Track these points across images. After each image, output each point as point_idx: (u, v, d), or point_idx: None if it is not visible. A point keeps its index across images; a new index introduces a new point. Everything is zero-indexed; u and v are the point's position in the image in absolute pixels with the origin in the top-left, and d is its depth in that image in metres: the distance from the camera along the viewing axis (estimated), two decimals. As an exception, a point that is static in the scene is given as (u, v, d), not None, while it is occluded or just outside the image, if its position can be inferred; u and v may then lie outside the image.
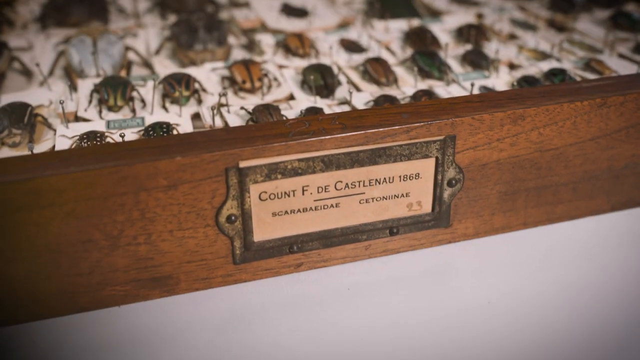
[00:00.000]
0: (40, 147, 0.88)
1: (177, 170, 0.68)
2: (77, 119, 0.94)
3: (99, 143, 0.84)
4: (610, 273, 0.82)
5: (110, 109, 0.95)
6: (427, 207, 0.80)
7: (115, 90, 0.96)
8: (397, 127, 0.74)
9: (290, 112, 0.93)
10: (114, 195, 0.68)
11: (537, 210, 0.86)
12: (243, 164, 0.70)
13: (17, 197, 0.65)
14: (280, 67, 1.10)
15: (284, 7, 1.34)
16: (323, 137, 0.72)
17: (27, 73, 1.15)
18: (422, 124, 0.75)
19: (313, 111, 0.89)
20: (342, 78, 1.05)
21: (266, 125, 0.74)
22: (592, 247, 0.86)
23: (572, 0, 1.32)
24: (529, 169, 0.82)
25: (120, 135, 0.81)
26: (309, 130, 0.72)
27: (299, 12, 1.32)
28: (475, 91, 0.97)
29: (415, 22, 1.27)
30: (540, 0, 1.41)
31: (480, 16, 1.33)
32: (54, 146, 0.87)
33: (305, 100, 0.97)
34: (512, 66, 1.10)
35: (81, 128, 0.90)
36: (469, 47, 1.17)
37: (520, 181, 0.83)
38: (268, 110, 0.88)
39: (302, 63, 1.11)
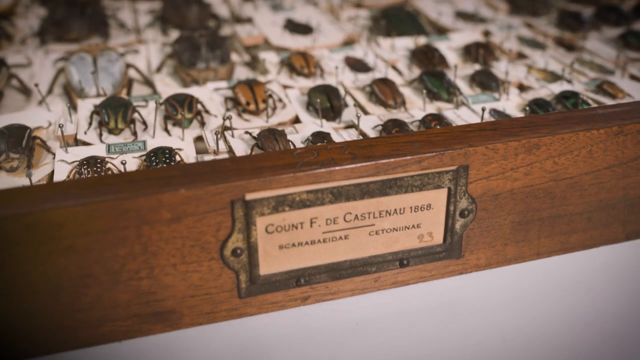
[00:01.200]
0: (39, 172, 0.86)
1: (181, 203, 0.66)
2: (77, 142, 0.92)
3: (99, 169, 0.82)
4: (626, 303, 0.79)
5: (110, 131, 0.93)
6: (438, 238, 0.78)
7: (116, 112, 0.93)
8: (408, 157, 0.71)
9: (296, 136, 0.90)
10: (116, 229, 0.65)
11: (550, 240, 0.83)
12: (249, 197, 0.67)
13: (14, 231, 0.62)
14: (285, 87, 1.07)
15: (287, 23, 1.32)
16: (332, 168, 0.69)
17: (25, 91, 1.12)
18: (434, 153, 0.72)
19: (320, 136, 0.87)
20: (348, 99, 1.02)
21: (273, 155, 0.71)
22: (607, 277, 0.83)
23: (580, 18, 1.29)
24: (543, 199, 0.80)
25: (122, 163, 0.79)
26: (318, 161, 0.70)
27: (303, 29, 1.30)
28: (486, 115, 0.95)
29: (422, 40, 1.25)
30: (548, 17, 1.39)
31: (487, 34, 1.31)
32: (52, 171, 0.85)
33: (311, 124, 0.95)
34: (521, 87, 1.07)
35: (81, 152, 0.87)
36: (477, 66, 1.14)
37: (533, 211, 0.80)
38: (274, 135, 0.85)
39: (307, 83, 1.08)
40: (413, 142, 0.74)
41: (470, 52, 1.19)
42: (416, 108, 1.00)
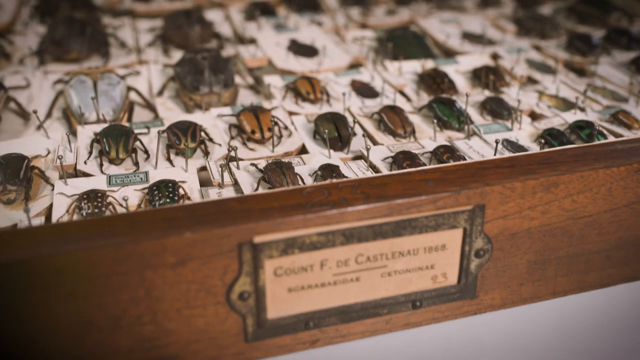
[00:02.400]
0: (37, 205, 0.82)
1: (186, 247, 0.63)
2: (77, 172, 0.89)
3: (99, 204, 0.78)
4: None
5: (111, 161, 0.90)
6: (452, 279, 0.75)
7: (117, 141, 0.90)
8: (423, 197, 0.68)
9: (304, 168, 0.88)
10: (117, 274, 0.62)
11: (567, 279, 0.81)
12: (258, 239, 0.64)
13: (11, 278, 0.59)
14: (291, 113, 1.04)
15: (291, 44, 1.29)
16: (344, 210, 0.66)
17: (23, 115, 1.09)
18: (449, 193, 0.69)
19: (329, 169, 0.84)
20: (356, 128, 0.99)
21: (282, 194, 0.68)
22: (626, 316, 0.81)
23: (590, 41, 1.27)
24: (561, 237, 0.77)
25: (124, 199, 0.76)
26: (329, 201, 0.67)
27: (308, 51, 1.27)
28: (499, 147, 0.92)
29: (429, 64, 1.22)
30: (556, 39, 1.36)
31: (495, 57, 1.28)
32: (51, 205, 0.81)
33: (318, 154, 0.92)
34: (533, 115, 1.05)
35: (81, 184, 0.84)
36: (487, 92, 1.12)
37: (551, 250, 0.77)
38: (281, 169, 0.82)
39: (314, 109, 1.05)
40: (427, 180, 0.71)
41: (479, 76, 1.16)
42: (426, 137, 0.97)
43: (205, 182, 0.88)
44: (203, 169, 0.90)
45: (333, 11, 1.55)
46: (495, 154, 0.88)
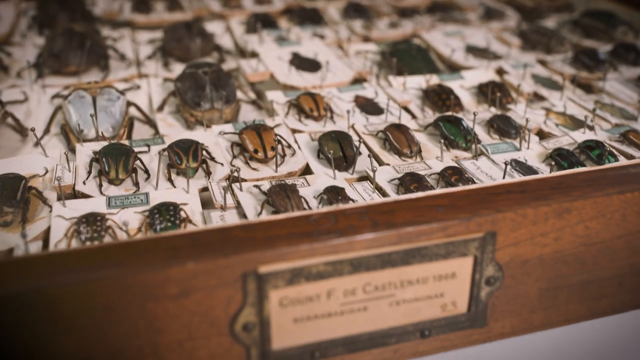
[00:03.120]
0: (35, 228, 0.80)
1: (189, 277, 0.61)
2: (75, 193, 0.86)
3: (99, 227, 0.76)
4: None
5: (111, 181, 0.88)
6: (462, 308, 0.73)
7: (117, 161, 0.88)
8: (433, 224, 0.66)
9: (308, 189, 0.85)
10: (118, 306, 0.60)
11: (579, 306, 0.78)
12: (263, 269, 0.62)
13: (6, 310, 0.57)
14: (294, 131, 1.02)
15: (294, 58, 1.27)
16: (352, 238, 0.64)
17: (21, 131, 1.07)
18: (460, 220, 0.67)
19: (334, 192, 0.82)
20: (361, 146, 0.97)
21: (288, 221, 0.66)
22: (638, 342, 0.79)
23: (597, 56, 1.25)
24: (573, 264, 0.75)
25: (124, 224, 0.74)
26: (336, 228, 0.65)
27: (310, 65, 1.25)
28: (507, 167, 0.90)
29: (434, 78, 1.20)
30: (562, 52, 1.34)
31: (501, 72, 1.26)
32: (49, 228, 0.79)
33: (323, 174, 0.89)
34: (541, 134, 1.03)
35: (79, 206, 0.82)
36: (493, 109, 1.10)
37: (563, 277, 0.75)
38: (285, 192, 0.80)
39: (317, 127, 1.03)
40: (437, 206, 0.69)
41: (485, 92, 1.14)
42: (433, 157, 0.95)
43: (207, 203, 0.86)
44: (205, 189, 0.88)
45: (335, 24, 1.53)
46: (504, 177, 0.85)
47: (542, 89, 1.18)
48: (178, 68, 1.29)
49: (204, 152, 0.93)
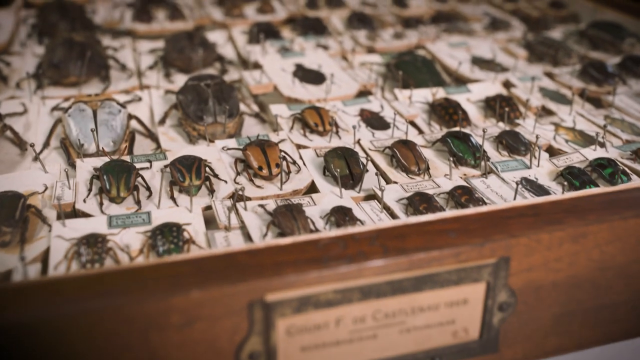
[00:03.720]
0: (33, 248, 0.78)
1: (194, 306, 0.59)
2: (76, 212, 0.84)
3: (100, 249, 0.74)
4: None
5: (112, 200, 0.86)
6: (474, 334, 0.71)
7: (118, 179, 0.86)
8: (445, 250, 0.64)
9: (314, 209, 0.83)
10: (119, 336, 0.58)
11: (593, 331, 0.76)
12: (270, 298, 0.60)
13: (3, 340, 0.55)
14: (299, 146, 1.00)
15: (297, 70, 1.25)
16: (362, 265, 0.62)
17: (20, 145, 1.04)
18: (473, 246, 0.65)
19: (342, 212, 0.80)
20: (364, 160, 0.95)
21: (296, 246, 0.64)
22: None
23: (605, 69, 1.23)
24: (587, 289, 0.73)
25: (126, 247, 0.72)
26: (346, 254, 0.63)
27: (314, 77, 1.23)
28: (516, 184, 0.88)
29: (440, 91, 1.18)
30: (570, 64, 1.32)
31: (507, 84, 1.24)
32: (48, 248, 0.77)
33: (329, 193, 0.87)
34: (551, 150, 1.01)
35: (80, 226, 0.80)
36: (501, 124, 1.08)
37: (576, 302, 0.73)
38: (291, 212, 0.78)
39: (322, 142, 1.01)
40: (449, 231, 0.67)
41: (492, 106, 1.12)
42: (441, 174, 0.93)
43: (210, 221, 0.84)
44: (208, 207, 0.86)
45: (339, 34, 1.51)
46: (515, 198, 0.83)
47: (550, 102, 1.16)
48: (180, 79, 1.27)
49: (207, 169, 0.91)
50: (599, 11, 1.60)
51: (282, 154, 0.94)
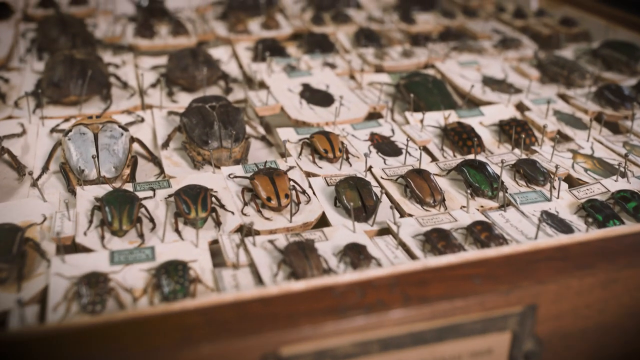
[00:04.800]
0: (31, 286, 0.74)
1: (203, 362, 0.55)
2: (76, 246, 0.80)
3: (101, 289, 0.70)
4: None
5: (114, 233, 0.82)
6: (497, 384, 0.67)
7: (120, 211, 0.82)
8: (470, 298, 0.61)
9: (327, 244, 0.79)
10: (123, 394, 0.54)
11: (620, 378, 0.73)
12: (285, 351, 0.57)
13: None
14: (308, 174, 0.96)
15: (305, 90, 1.22)
16: (382, 316, 0.58)
17: (18, 169, 1.00)
18: (498, 294, 0.61)
19: (356, 250, 0.76)
20: (376, 189, 0.91)
21: (311, 294, 0.60)
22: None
23: (622, 93, 1.19)
24: (616, 336, 0.69)
25: (129, 287, 0.68)
26: (364, 304, 0.59)
27: (322, 98, 1.19)
28: (536, 217, 0.84)
29: (452, 114, 1.15)
30: (584, 86, 1.29)
31: (520, 106, 1.21)
32: (46, 287, 0.73)
33: (341, 227, 0.84)
34: (570, 180, 0.97)
35: (80, 262, 0.76)
36: (517, 150, 1.04)
37: (604, 348, 0.70)
38: (303, 251, 0.74)
39: (332, 169, 0.98)
40: (473, 277, 0.63)
41: (506, 130, 1.09)
42: (456, 205, 0.89)
43: (216, 253, 0.80)
44: (215, 241, 0.82)
45: (346, 51, 1.47)
46: (536, 237, 0.79)
47: (566, 127, 1.13)
48: (183, 97, 1.24)
49: (213, 199, 0.88)
50: (611, 29, 1.57)
51: (292, 183, 0.90)
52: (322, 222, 0.87)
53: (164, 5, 1.67)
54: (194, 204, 0.84)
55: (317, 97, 1.20)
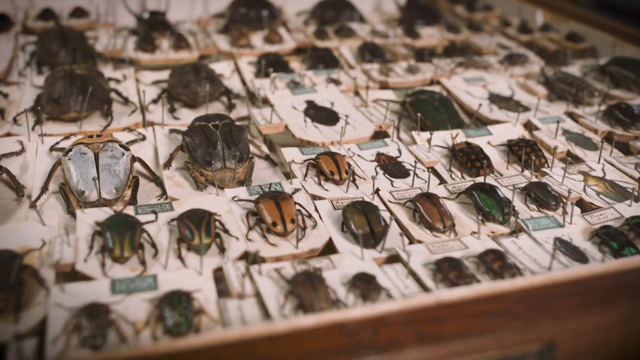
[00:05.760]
0: (30, 317, 0.72)
1: (209, 406, 0.52)
2: (76, 274, 0.78)
3: (102, 322, 0.68)
4: None
5: (115, 260, 0.79)
6: None
7: (122, 237, 0.80)
8: (486, 337, 0.58)
9: (335, 273, 0.77)
10: None
11: (638, 415, 0.70)
12: (294, 395, 0.54)
13: None
14: (314, 197, 0.94)
15: (309, 108, 1.19)
16: (395, 356, 0.56)
17: (17, 190, 0.98)
18: (515, 331, 0.59)
19: (365, 281, 0.74)
20: (385, 214, 0.89)
21: (321, 332, 0.58)
22: None
23: (632, 112, 1.17)
24: (635, 372, 0.67)
25: (131, 319, 0.65)
26: (377, 343, 0.57)
27: (327, 116, 1.17)
28: (548, 245, 0.82)
29: (460, 134, 1.12)
30: (593, 105, 1.27)
31: (529, 125, 1.19)
32: (45, 318, 0.71)
33: (349, 254, 0.81)
34: (582, 204, 0.95)
35: (80, 291, 0.74)
36: (526, 172, 1.02)
37: (623, 385, 0.67)
38: (311, 282, 0.72)
39: (339, 192, 0.95)
40: (489, 313, 0.61)
41: (514, 151, 1.07)
42: (466, 230, 0.87)
43: (220, 280, 0.78)
44: (219, 269, 0.79)
45: (350, 67, 1.45)
46: (550, 267, 0.77)
47: (575, 147, 1.11)
48: (185, 114, 1.22)
49: (217, 223, 0.85)
50: (618, 45, 1.55)
51: (298, 208, 0.88)
52: (329, 246, 0.85)
53: (166, 17, 1.65)
54: (197, 229, 0.82)
55: (322, 115, 1.18)
